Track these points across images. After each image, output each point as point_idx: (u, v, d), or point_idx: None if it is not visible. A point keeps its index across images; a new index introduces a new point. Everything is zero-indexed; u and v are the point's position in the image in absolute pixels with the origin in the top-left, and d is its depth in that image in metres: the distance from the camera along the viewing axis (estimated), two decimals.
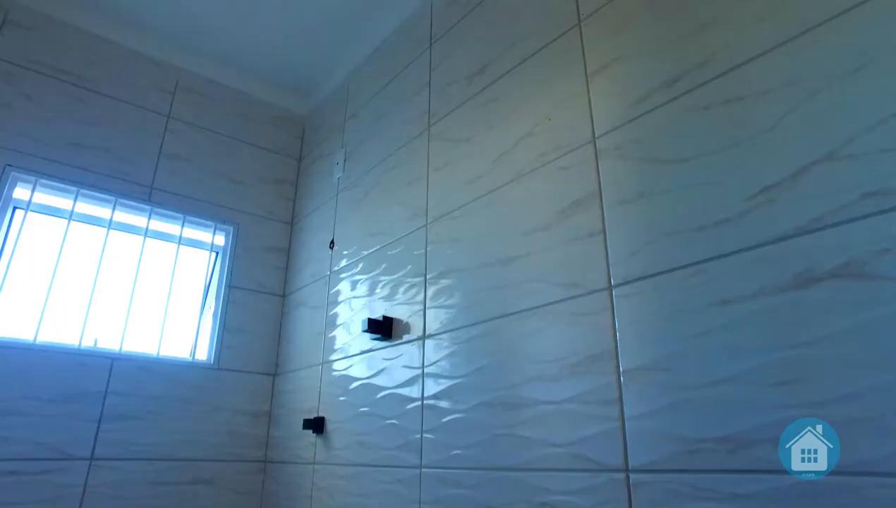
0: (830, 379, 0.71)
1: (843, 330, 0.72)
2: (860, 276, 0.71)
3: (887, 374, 0.67)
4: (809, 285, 0.76)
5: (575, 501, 0.98)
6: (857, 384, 0.69)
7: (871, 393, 0.68)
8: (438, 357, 1.37)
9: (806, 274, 0.76)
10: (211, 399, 2.00)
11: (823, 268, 0.75)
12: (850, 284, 0.72)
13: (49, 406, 1.70)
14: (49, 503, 1.65)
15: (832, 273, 0.74)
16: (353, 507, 1.54)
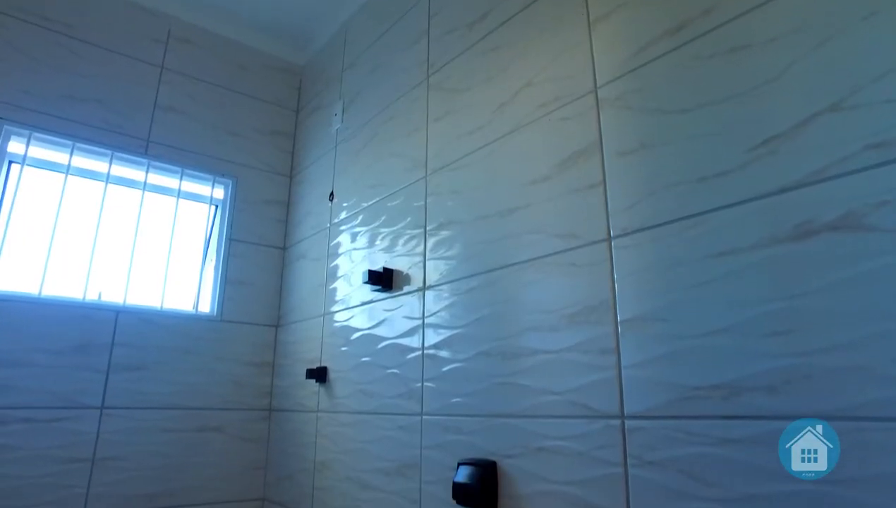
0: (824, 329, 0.73)
1: (838, 281, 0.72)
2: (858, 228, 0.72)
3: (880, 324, 0.68)
4: (808, 237, 0.76)
5: (571, 446, 1.01)
6: (850, 334, 0.70)
7: (863, 342, 0.69)
8: (438, 307, 1.39)
9: (805, 225, 0.77)
10: (215, 350, 2.03)
11: (822, 220, 0.75)
12: (847, 236, 0.73)
13: (58, 357, 1.74)
14: (65, 448, 1.72)
15: (831, 225, 0.74)
16: (357, 453, 1.59)
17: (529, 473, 1.08)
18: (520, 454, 1.11)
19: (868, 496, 0.66)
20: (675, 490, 0.85)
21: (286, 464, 1.95)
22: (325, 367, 1.81)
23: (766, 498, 0.75)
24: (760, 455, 0.76)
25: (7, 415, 1.65)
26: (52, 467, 1.69)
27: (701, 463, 0.82)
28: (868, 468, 0.67)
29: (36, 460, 1.67)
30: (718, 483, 0.80)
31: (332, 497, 1.66)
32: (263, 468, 2.07)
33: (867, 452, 0.67)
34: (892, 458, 0.65)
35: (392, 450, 1.46)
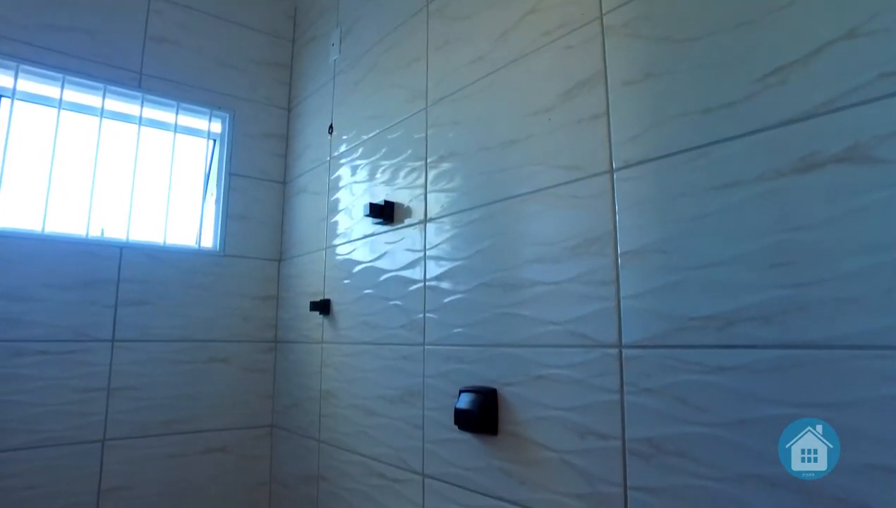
0: (821, 261, 0.73)
1: (839, 214, 0.72)
2: (865, 160, 0.71)
3: (876, 257, 0.69)
4: (812, 169, 0.76)
5: (570, 374, 1.04)
6: (846, 266, 0.71)
7: (858, 274, 0.70)
8: (440, 240, 1.39)
9: (810, 158, 0.76)
10: (219, 284, 2.06)
11: (829, 152, 0.74)
12: (853, 168, 0.72)
13: (66, 292, 1.77)
14: (81, 378, 1.78)
15: (837, 157, 0.74)
16: (361, 381, 1.64)
17: (529, 400, 1.12)
18: (520, 382, 1.14)
19: (857, 421, 0.69)
20: (669, 415, 0.88)
21: (293, 393, 2.02)
22: (329, 300, 1.84)
23: (756, 422, 0.78)
24: (752, 382, 0.79)
25: (23, 348, 1.70)
26: (70, 395, 1.75)
27: (694, 390, 0.85)
28: (856, 393, 0.69)
29: (55, 389, 1.73)
30: (710, 408, 0.83)
31: (339, 424, 1.73)
32: (271, 396, 2.14)
33: (857, 378, 0.69)
34: (880, 384, 0.67)
35: (395, 379, 1.50)
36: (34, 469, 1.69)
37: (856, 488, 0.68)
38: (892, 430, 0.66)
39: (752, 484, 0.78)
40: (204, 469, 1.98)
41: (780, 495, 0.75)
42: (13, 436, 1.67)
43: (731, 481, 0.80)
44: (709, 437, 0.83)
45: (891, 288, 0.67)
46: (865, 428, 0.68)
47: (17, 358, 1.68)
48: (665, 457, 0.88)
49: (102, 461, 1.80)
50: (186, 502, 1.93)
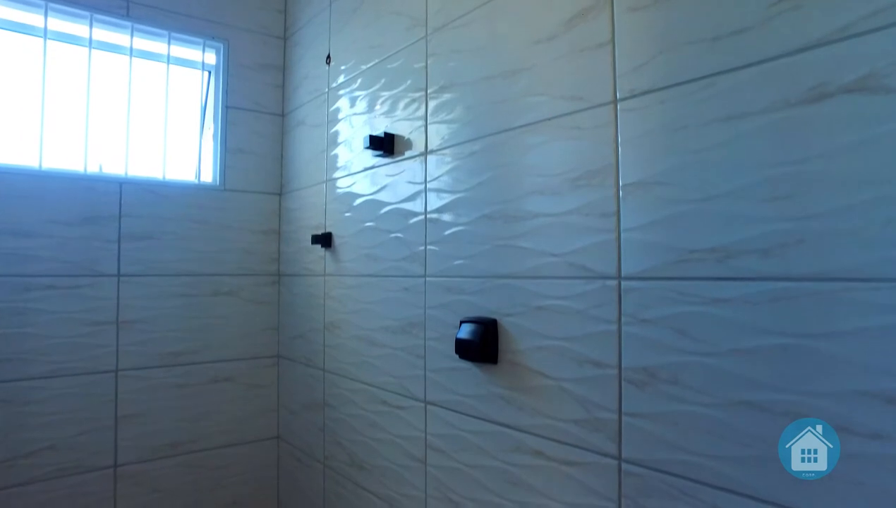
0: (823, 193, 0.73)
1: (845, 145, 0.71)
2: (877, 90, 0.69)
3: (878, 189, 0.69)
4: (821, 100, 0.74)
5: (569, 305, 1.06)
6: (848, 198, 0.71)
7: (860, 206, 0.70)
8: (440, 172, 1.39)
9: (819, 88, 0.74)
10: (220, 219, 2.06)
11: (840, 82, 0.72)
12: (863, 98, 0.70)
13: (68, 228, 1.78)
14: (90, 312, 1.82)
15: (848, 87, 0.72)
16: (364, 313, 1.67)
17: (528, 330, 1.14)
18: (520, 312, 1.16)
19: (847, 350, 0.71)
20: (665, 344, 0.90)
21: (297, 325, 2.06)
22: (330, 233, 1.85)
23: (750, 352, 0.80)
24: (748, 313, 0.80)
25: (31, 282, 1.72)
26: (81, 329, 1.80)
27: (691, 321, 0.87)
28: (851, 323, 0.71)
29: (65, 323, 1.77)
30: (706, 339, 0.85)
31: (343, 354, 1.78)
32: (276, 328, 2.19)
33: (850, 310, 0.70)
34: (874, 315, 0.69)
35: (397, 310, 1.53)
36: (54, 396, 1.75)
37: (840, 413, 0.71)
38: (880, 359, 0.68)
39: (743, 410, 0.81)
40: (214, 398, 2.05)
41: (767, 419, 0.78)
42: (31, 366, 1.72)
43: (722, 407, 0.83)
44: (703, 366, 0.85)
45: (891, 219, 0.68)
46: (855, 357, 0.70)
47: (25, 292, 1.71)
48: (659, 385, 0.91)
49: (117, 390, 1.86)
50: (199, 427, 2.02)
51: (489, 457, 1.23)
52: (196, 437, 2.02)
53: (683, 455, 0.88)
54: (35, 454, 1.73)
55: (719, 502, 0.84)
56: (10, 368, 1.69)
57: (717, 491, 0.84)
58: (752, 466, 0.80)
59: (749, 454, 0.80)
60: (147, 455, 1.92)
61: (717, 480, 0.84)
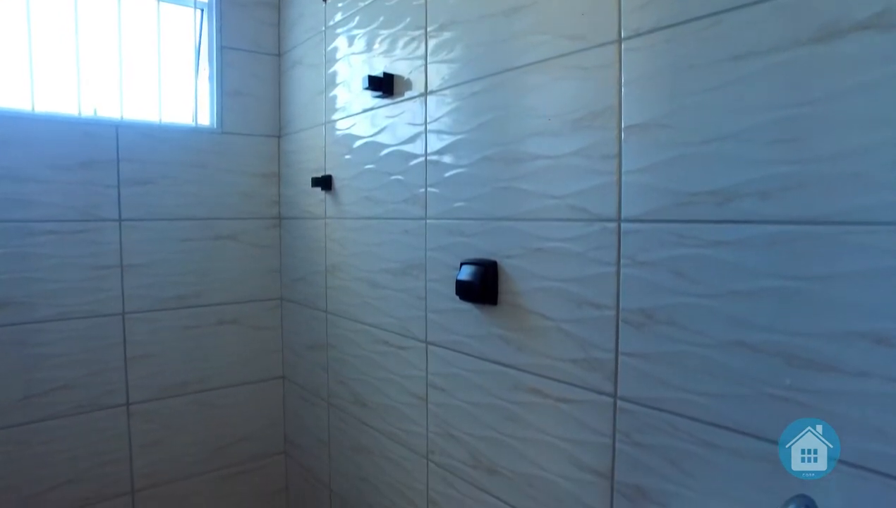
0: (829, 136, 0.72)
1: (854, 86, 0.70)
2: (890, 28, 0.67)
3: (884, 131, 0.68)
4: (832, 38, 0.72)
5: (568, 247, 1.07)
6: (852, 141, 0.70)
7: (863, 149, 0.69)
8: (441, 113, 1.37)
9: (831, 25, 0.72)
10: (219, 162, 2.05)
11: (854, 18, 0.70)
12: (878, 36, 0.68)
13: (66, 173, 1.77)
14: (94, 256, 1.83)
15: (862, 24, 0.69)
16: (365, 255, 1.68)
17: (528, 272, 1.16)
18: (519, 254, 1.17)
19: (841, 292, 0.72)
20: (663, 286, 0.91)
21: (299, 268, 2.08)
22: (330, 176, 1.84)
23: (746, 294, 0.81)
24: (747, 256, 0.81)
25: (33, 228, 1.73)
26: (85, 273, 1.82)
27: (690, 263, 0.88)
28: (847, 265, 0.71)
29: (70, 267, 1.79)
30: (704, 281, 0.86)
31: (344, 296, 1.80)
32: (278, 271, 2.21)
33: (849, 253, 0.71)
34: (870, 258, 0.69)
35: (398, 252, 1.54)
36: (64, 338, 1.79)
37: (830, 352, 0.73)
38: (873, 301, 0.69)
39: (737, 350, 0.83)
40: (219, 339, 2.09)
41: (760, 359, 0.80)
42: (39, 310, 1.75)
43: (716, 347, 0.85)
44: (700, 307, 0.87)
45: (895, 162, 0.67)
46: (849, 299, 0.71)
47: (28, 237, 1.72)
48: (656, 326, 0.93)
49: (125, 332, 1.90)
50: (207, 368, 2.07)
51: (488, 395, 1.27)
52: (204, 377, 2.07)
53: (677, 393, 0.91)
54: (50, 392, 1.79)
55: (710, 437, 0.87)
56: (19, 311, 1.72)
57: (708, 427, 0.87)
58: (743, 403, 0.83)
59: (741, 392, 0.83)
60: (157, 394, 1.98)
61: (709, 416, 0.87)
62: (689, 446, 0.90)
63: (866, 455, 0.71)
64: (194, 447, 2.07)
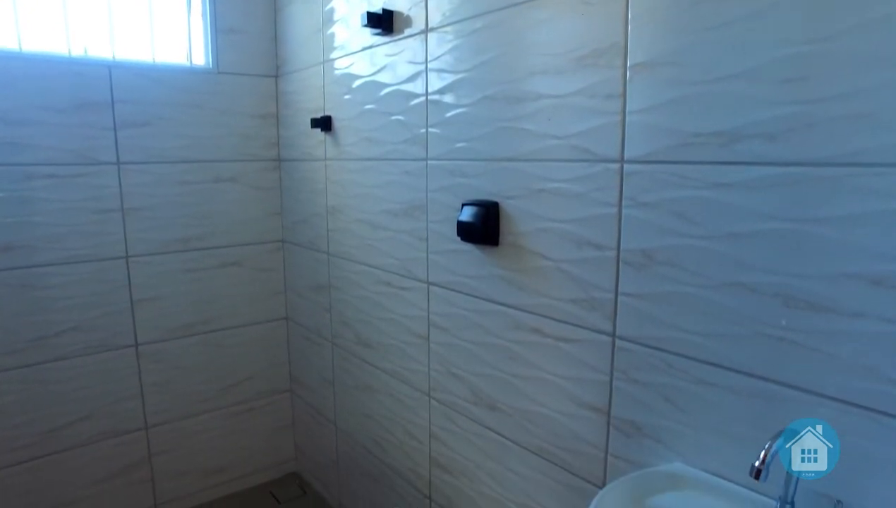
0: (840, 74, 0.70)
1: (866, 22, 0.68)
2: None
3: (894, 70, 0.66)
4: None
5: (570, 188, 1.06)
6: (863, 80, 0.68)
7: (873, 89, 0.68)
8: (442, 51, 1.33)
9: None
10: (216, 103, 2.01)
11: None
12: None
13: (61, 116, 1.74)
14: (95, 200, 1.83)
15: None
16: (365, 197, 1.68)
17: (530, 212, 1.16)
18: (521, 195, 1.17)
19: (842, 234, 0.72)
20: (664, 227, 0.91)
21: (300, 210, 2.08)
22: (329, 116, 1.81)
23: (747, 236, 0.81)
24: (748, 198, 0.81)
25: (32, 171, 1.72)
26: (87, 217, 1.82)
27: (691, 205, 0.88)
28: (849, 208, 0.71)
29: (71, 211, 1.79)
30: (704, 222, 0.86)
31: (346, 237, 1.81)
32: (279, 213, 2.21)
33: (852, 195, 0.71)
34: (874, 200, 0.69)
35: (399, 193, 1.53)
36: (70, 282, 1.82)
37: (826, 293, 0.74)
38: (874, 243, 0.69)
39: (735, 291, 0.84)
40: (223, 281, 2.12)
41: (758, 299, 0.81)
42: (44, 253, 1.76)
43: (715, 288, 0.86)
44: (700, 249, 0.87)
45: None
46: (849, 241, 0.71)
47: (27, 181, 1.71)
48: (656, 267, 0.93)
49: (129, 275, 1.92)
50: (211, 309, 2.10)
51: (489, 335, 1.30)
52: (209, 318, 2.10)
53: (675, 332, 0.92)
54: (61, 334, 1.82)
55: (705, 375, 0.89)
56: (24, 255, 1.73)
57: (704, 366, 0.89)
58: (739, 343, 0.84)
59: (737, 331, 0.84)
60: (165, 335, 2.02)
61: (705, 355, 0.89)
62: (684, 384, 0.92)
63: (854, 392, 0.73)
64: (203, 385, 2.13)
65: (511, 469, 1.29)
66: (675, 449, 0.95)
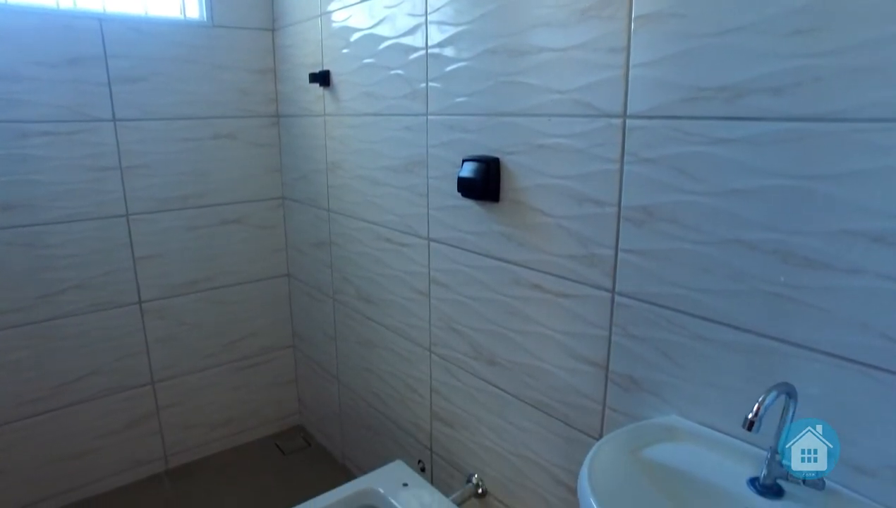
0: (851, 26, 0.68)
1: None
2: None
3: None
4: None
5: (572, 143, 1.05)
6: (874, 32, 0.67)
7: (885, 41, 0.66)
8: (442, 2, 1.30)
9: None
10: (212, 57, 1.97)
11: None
12: None
13: (53, 70, 1.70)
14: (92, 158, 1.82)
15: None
16: (366, 152, 1.66)
17: (530, 168, 1.15)
18: (522, 151, 1.16)
19: (845, 191, 0.72)
20: (665, 183, 0.91)
21: (300, 166, 2.06)
22: (328, 71, 1.78)
23: (748, 192, 0.81)
24: (752, 154, 0.80)
25: (27, 129, 1.70)
26: (85, 174, 1.81)
27: (694, 161, 0.87)
28: (853, 164, 0.71)
29: (69, 169, 1.78)
30: (707, 179, 0.86)
31: (346, 193, 1.80)
32: (279, 170, 2.20)
33: (857, 151, 0.70)
34: (879, 156, 0.68)
35: (399, 149, 1.52)
36: (72, 240, 1.82)
37: (825, 250, 0.74)
38: (876, 200, 0.69)
39: (736, 248, 0.84)
40: (224, 239, 2.12)
41: (757, 256, 0.81)
42: (43, 212, 1.76)
43: (715, 245, 0.86)
44: (700, 205, 0.87)
45: None
46: (851, 198, 0.71)
47: (23, 139, 1.69)
48: (657, 223, 0.93)
49: (130, 233, 1.92)
50: (213, 266, 2.11)
51: (489, 290, 1.31)
52: (211, 275, 2.12)
53: (674, 288, 0.93)
54: (66, 291, 1.84)
55: (703, 331, 0.90)
56: (24, 213, 1.73)
57: (702, 321, 0.90)
58: (736, 299, 0.85)
59: (735, 288, 0.85)
60: (168, 292, 2.03)
61: (703, 311, 0.90)
62: (682, 339, 0.93)
63: (847, 347, 0.74)
64: (207, 341, 2.16)
65: (510, 421, 1.32)
66: (671, 403, 0.97)
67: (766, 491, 0.79)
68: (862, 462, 0.75)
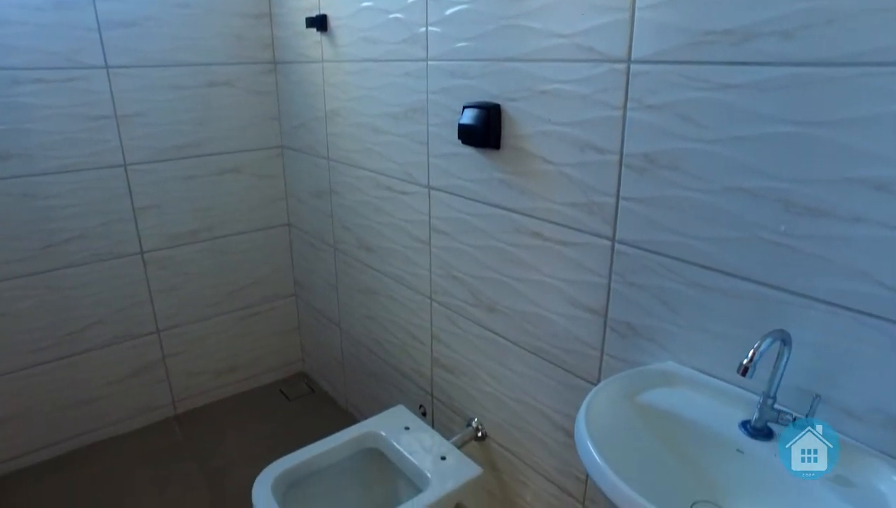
0: None
1: None
2: None
3: None
4: None
5: (574, 89, 1.03)
6: None
7: None
8: None
9: None
10: (205, 1, 1.91)
11: None
12: None
13: (40, 14, 1.65)
14: (87, 106, 1.79)
15: None
16: (365, 99, 1.64)
17: (532, 115, 1.13)
18: (524, 97, 1.14)
19: (850, 137, 0.71)
20: (668, 130, 0.90)
21: (298, 114, 2.03)
22: (325, 15, 1.73)
23: (752, 139, 0.80)
24: (757, 100, 0.78)
25: (18, 76, 1.66)
26: (81, 123, 1.78)
27: (697, 107, 0.85)
28: (860, 110, 0.69)
29: (63, 118, 1.75)
30: (710, 125, 0.84)
31: (346, 141, 1.78)
32: (277, 118, 2.16)
33: (866, 96, 0.69)
34: (887, 102, 0.67)
35: (399, 96, 1.49)
36: (68, 191, 1.81)
37: (827, 198, 0.73)
38: (881, 146, 0.68)
39: (736, 196, 0.83)
40: (223, 188, 2.11)
41: (759, 204, 0.81)
42: (39, 162, 1.75)
43: (716, 193, 0.86)
44: (703, 152, 0.86)
45: None
46: (856, 145, 0.70)
47: (14, 86, 1.66)
48: (658, 171, 0.93)
49: (129, 183, 1.91)
50: (213, 216, 2.11)
51: (490, 238, 1.31)
52: (212, 225, 2.12)
53: (674, 236, 0.93)
54: (68, 242, 1.85)
55: (701, 279, 0.91)
56: (19, 163, 1.71)
57: (700, 269, 0.91)
58: (737, 247, 0.85)
59: (735, 236, 0.85)
60: (169, 242, 2.04)
61: (702, 259, 0.90)
62: (680, 287, 0.94)
63: (843, 295, 0.75)
64: (209, 290, 2.18)
65: (510, 368, 1.35)
66: (668, 349, 0.99)
67: (756, 434, 0.82)
68: (851, 406, 0.77)
